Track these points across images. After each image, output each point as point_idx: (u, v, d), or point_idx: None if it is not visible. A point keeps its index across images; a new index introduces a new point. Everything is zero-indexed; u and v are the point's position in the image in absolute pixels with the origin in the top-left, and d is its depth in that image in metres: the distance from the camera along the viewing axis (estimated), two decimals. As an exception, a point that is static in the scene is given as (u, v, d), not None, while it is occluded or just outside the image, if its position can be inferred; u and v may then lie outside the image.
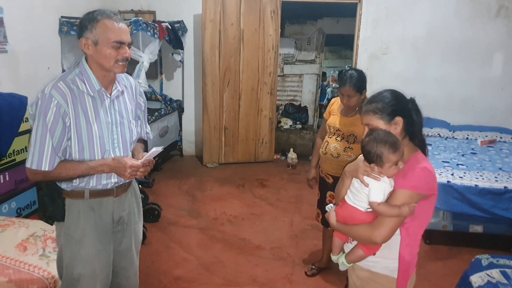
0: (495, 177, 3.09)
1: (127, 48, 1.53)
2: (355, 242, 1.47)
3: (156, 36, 3.97)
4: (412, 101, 1.45)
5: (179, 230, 3.32)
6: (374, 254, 1.42)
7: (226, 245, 3.13)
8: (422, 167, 1.35)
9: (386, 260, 1.43)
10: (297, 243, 3.19)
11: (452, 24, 4.55)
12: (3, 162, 2.75)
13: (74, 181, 1.56)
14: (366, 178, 1.36)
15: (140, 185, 3.27)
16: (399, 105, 1.41)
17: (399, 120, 1.39)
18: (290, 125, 5.72)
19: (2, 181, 2.76)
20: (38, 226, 2.31)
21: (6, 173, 2.78)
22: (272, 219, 3.59)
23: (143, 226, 3.01)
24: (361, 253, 1.43)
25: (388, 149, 1.31)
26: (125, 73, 1.66)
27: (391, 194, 1.36)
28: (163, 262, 2.85)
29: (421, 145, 1.45)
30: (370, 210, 1.39)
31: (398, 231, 1.38)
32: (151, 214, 3.41)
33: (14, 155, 2.86)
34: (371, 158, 1.34)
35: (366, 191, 1.36)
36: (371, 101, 1.45)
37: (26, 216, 2.97)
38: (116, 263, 1.74)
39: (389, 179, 1.36)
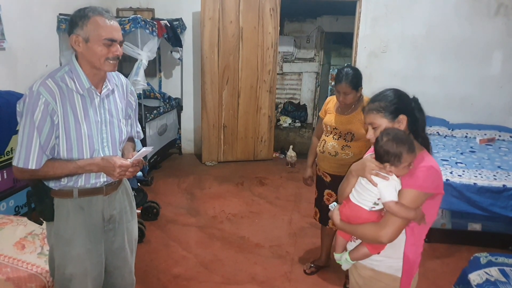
0: (494, 175, 3.09)
1: (118, 46, 1.50)
2: (358, 241, 1.47)
3: (154, 33, 3.95)
4: (415, 99, 1.45)
5: (178, 228, 3.32)
6: (378, 253, 1.42)
7: (225, 243, 3.13)
8: (429, 166, 1.35)
9: (390, 259, 1.42)
10: (296, 241, 3.19)
11: (451, 23, 4.54)
12: (1, 160, 2.73)
13: (62, 180, 1.53)
14: (374, 178, 1.35)
15: (139, 183, 3.26)
16: (402, 104, 1.41)
17: (403, 118, 1.39)
18: (289, 123, 5.71)
19: (0, 179, 2.75)
20: (36, 224, 2.29)
21: (4, 171, 2.76)
22: (271, 217, 3.60)
23: (142, 224, 3.04)
24: (366, 251, 1.43)
25: (407, 150, 1.30)
26: (116, 72, 1.64)
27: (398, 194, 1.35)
28: (162, 260, 2.84)
29: (425, 143, 1.45)
30: (375, 209, 1.38)
31: (403, 231, 1.38)
32: (150, 212, 3.40)
33: (12, 153, 2.84)
34: (388, 158, 1.33)
35: (374, 190, 1.35)
36: (373, 100, 1.45)
37: (24, 214, 2.95)
38: (110, 262, 1.72)
39: (397, 178, 1.35)
